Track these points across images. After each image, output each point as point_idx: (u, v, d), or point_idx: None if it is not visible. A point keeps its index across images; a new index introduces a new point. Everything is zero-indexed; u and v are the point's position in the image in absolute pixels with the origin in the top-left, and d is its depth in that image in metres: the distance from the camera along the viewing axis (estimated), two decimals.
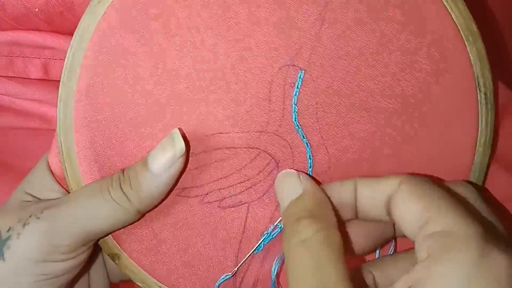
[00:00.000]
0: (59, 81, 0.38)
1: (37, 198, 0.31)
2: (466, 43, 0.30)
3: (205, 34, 0.29)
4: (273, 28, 0.29)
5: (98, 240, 0.31)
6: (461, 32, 0.29)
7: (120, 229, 0.30)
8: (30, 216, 0.28)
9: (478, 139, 0.31)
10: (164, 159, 0.28)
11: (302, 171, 0.29)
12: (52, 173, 0.31)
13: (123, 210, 0.28)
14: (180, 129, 0.29)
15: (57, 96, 0.38)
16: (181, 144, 0.28)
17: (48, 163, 0.31)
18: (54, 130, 0.30)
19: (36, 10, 0.35)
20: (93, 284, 0.34)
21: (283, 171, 0.29)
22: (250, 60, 0.29)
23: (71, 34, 0.37)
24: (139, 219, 0.30)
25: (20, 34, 0.37)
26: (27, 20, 0.36)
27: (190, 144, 0.30)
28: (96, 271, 0.33)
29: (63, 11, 0.35)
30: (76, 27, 0.35)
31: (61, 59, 0.37)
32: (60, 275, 0.29)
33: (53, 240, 0.28)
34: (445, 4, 0.29)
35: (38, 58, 0.38)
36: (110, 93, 0.29)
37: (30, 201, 0.30)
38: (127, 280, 0.33)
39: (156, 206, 0.30)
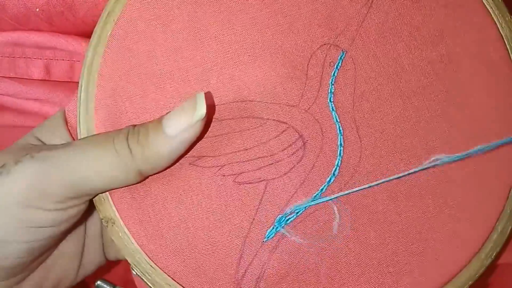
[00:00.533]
0: (60, 81, 0.38)
1: (45, 144, 0.28)
2: (510, 55, 0.29)
3: (250, 2, 0.29)
4: (320, 5, 0.29)
5: (91, 198, 0.27)
6: (507, 45, 0.29)
7: (119, 188, 0.27)
8: (25, 155, 0.26)
9: None
10: (180, 121, 0.25)
11: None
12: (67, 123, 0.29)
13: (122, 165, 0.25)
14: (207, 93, 0.27)
15: (58, 96, 0.38)
16: (203, 110, 0.25)
17: (65, 112, 0.30)
18: None
19: (37, 10, 0.35)
20: (86, 252, 0.31)
21: None
22: (292, 33, 0.28)
23: (72, 34, 0.38)
24: (138, 182, 0.27)
25: (22, 34, 0.37)
26: (28, 20, 0.36)
27: (217, 109, 0.28)
28: (92, 240, 0.30)
29: (64, 10, 0.35)
30: (77, 27, 0.36)
31: (63, 60, 0.38)
32: (44, 225, 0.26)
33: (43, 185, 0.25)
34: (492, 15, 0.29)
35: (40, 59, 0.38)
36: (142, 44, 0.28)
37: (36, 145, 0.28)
38: (124, 259, 0.29)
39: (162, 171, 0.27)
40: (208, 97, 0.28)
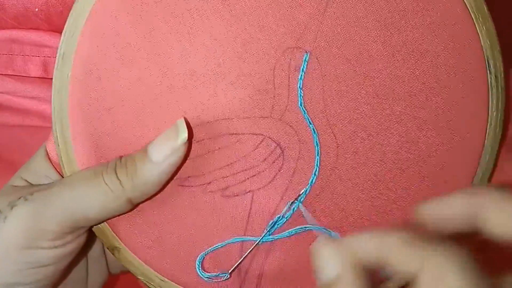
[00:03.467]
0: None
1: (33, 185, 0.30)
2: (475, 23, 0.29)
3: (206, 18, 0.28)
4: (276, 9, 0.28)
5: (89, 228, 0.29)
6: (470, 12, 0.29)
7: (112, 218, 0.29)
8: (19, 198, 0.27)
9: (488, 123, 0.30)
10: (165, 147, 0.27)
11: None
12: (50, 161, 0.30)
13: (113, 196, 0.27)
14: (185, 118, 0.28)
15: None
16: (185, 133, 0.27)
17: (46, 150, 0.30)
18: None
19: (36, 9, 0.35)
20: (91, 274, 0.33)
21: (322, 240, 0.22)
22: (253, 44, 0.28)
23: None
24: (130, 210, 0.29)
25: (20, 32, 0.38)
26: (27, 19, 0.36)
27: (193, 131, 0.29)
28: (95, 261, 0.32)
29: (63, 10, 0.35)
30: None
31: None
32: (46, 264, 0.27)
33: (40, 224, 0.27)
34: None
35: (38, 56, 0.38)
36: (106, 80, 0.28)
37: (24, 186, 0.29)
38: (127, 272, 0.31)
39: (153, 196, 0.29)
40: (187, 122, 0.28)
